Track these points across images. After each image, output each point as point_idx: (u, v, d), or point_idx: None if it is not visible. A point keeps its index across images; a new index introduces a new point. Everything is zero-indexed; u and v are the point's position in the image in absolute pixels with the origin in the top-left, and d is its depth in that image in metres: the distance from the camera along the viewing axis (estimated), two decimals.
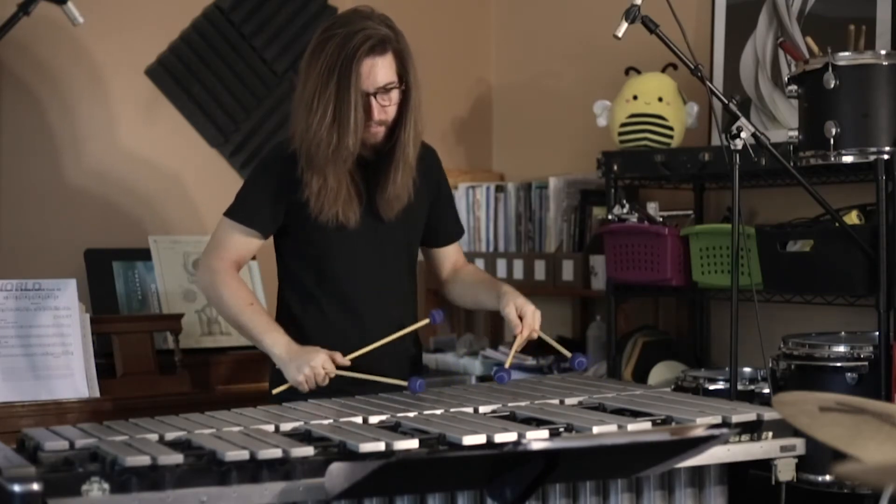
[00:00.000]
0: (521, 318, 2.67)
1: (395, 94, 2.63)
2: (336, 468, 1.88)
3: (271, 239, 2.79)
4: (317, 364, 2.56)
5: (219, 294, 2.71)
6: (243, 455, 1.96)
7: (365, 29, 2.58)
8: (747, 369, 3.30)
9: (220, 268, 2.71)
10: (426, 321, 2.76)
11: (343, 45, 2.57)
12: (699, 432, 2.00)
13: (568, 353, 2.73)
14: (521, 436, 2.13)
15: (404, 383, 2.61)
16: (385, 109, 2.62)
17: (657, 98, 3.62)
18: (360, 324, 2.73)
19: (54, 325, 3.09)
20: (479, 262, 4.33)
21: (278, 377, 2.68)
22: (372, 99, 2.60)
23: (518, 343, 2.69)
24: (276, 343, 2.64)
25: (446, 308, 3.38)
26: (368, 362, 2.68)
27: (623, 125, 3.65)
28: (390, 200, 2.71)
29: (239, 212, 2.72)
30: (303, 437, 2.17)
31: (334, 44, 2.58)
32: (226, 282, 2.70)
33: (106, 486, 1.89)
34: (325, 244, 2.71)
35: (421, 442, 2.09)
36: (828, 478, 2.87)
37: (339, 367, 2.60)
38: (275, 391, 2.66)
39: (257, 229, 2.72)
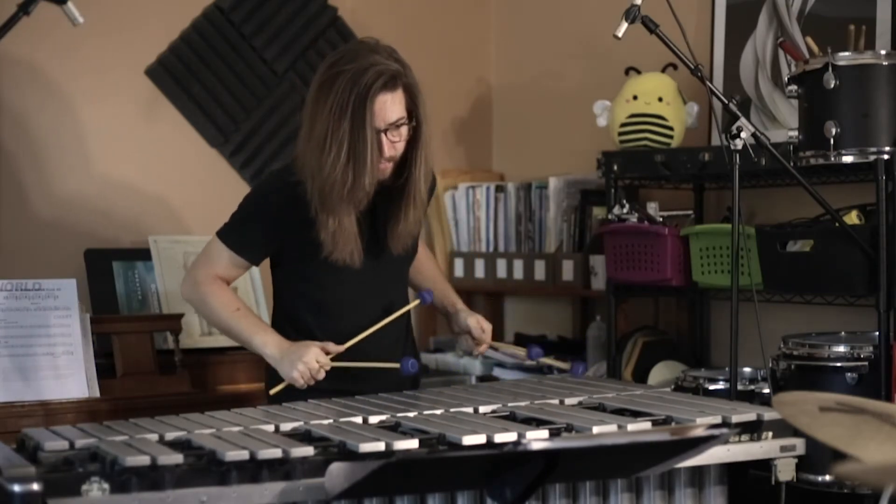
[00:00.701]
0: (482, 329, 2.83)
1: (404, 130, 2.59)
2: (336, 468, 1.88)
3: None
4: (309, 358, 2.56)
5: (205, 302, 2.71)
6: (243, 455, 1.96)
7: (375, 65, 2.53)
8: (747, 369, 3.29)
9: (205, 280, 2.71)
10: (417, 302, 2.80)
11: (355, 82, 2.52)
12: (699, 432, 2.01)
13: (521, 351, 2.96)
14: (521, 436, 2.13)
15: (396, 365, 2.61)
16: (395, 145, 2.59)
17: (657, 98, 3.62)
18: (355, 329, 2.70)
19: (54, 325, 3.10)
20: (479, 262, 4.33)
21: (273, 378, 2.68)
22: (383, 136, 2.56)
23: (482, 350, 2.86)
24: (267, 343, 2.63)
25: None
26: (363, 355, 2.68)
27: (623, 125, 3.65)
28: (401, 237, 2.69)
29: (230, 237, 2.70)
30: (303, 437, 2.17)
31: (345, 80, 2.53)
32: (211, 290, 2.70)
33: (106, 486, 1.89)
34: (324, 281, 2.70)
35: (421, 442, 2.09)
36: (828, 478, 2.87)
37: (333, 358, 2.60)
38: (272, 391, 2.66)
39: (246, 258, 2.71)
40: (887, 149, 2.90)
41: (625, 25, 2.91)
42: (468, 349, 2.88)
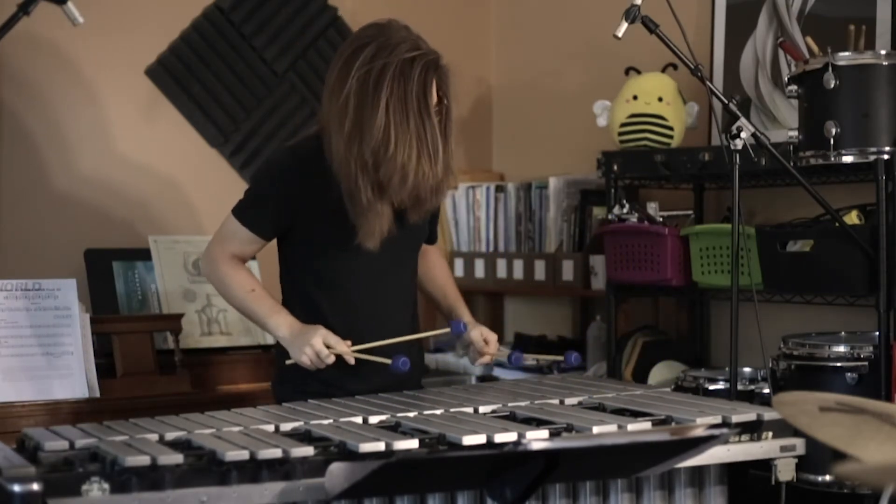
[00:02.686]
0: (486, 342, 2.82)
1: (438, 111, 2.62)
2: (336, 468, 1.88)
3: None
4: (316, 343, 2.57)
5: (223, 282, 2.74)
6: (243, 455, 1.96)
7: (419, 55, 2.56)
8: (747, 369, 3.29)
9: (221, 258, 2.73)
10: (447, 330, 2.80)
11: (406, 77, 2.54)
12: (699, 432, 2.00)
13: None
14: (521, 436, 2.13)
15: (388, 361, 2.62)
16: None
17: (657, 98, 3.62)
18: (363, 330, 2.71)
19: (54, 325, 3.10)
20: (479, 262, 4.33)
21: (282, 354, 2.70)
22: None
23: (483, 361, 2.86)
24: (280, 325, 2.66)
25: None
26: (371, 371, 2.70)
27: (623, 125, 3.65)
28: (426, 209, 2.70)
29: (244, 213, 2.71)
30: (303, 437, 2.17)
31: (393, 75, 2.54)
32: (227, 271, 2.72)
33: (106, 486, 1.89)
34: (334, 257, 2.70)
35: (421, 442, 2.09)
36: (828, 478, 2.87)
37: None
38: (287, 362, 2.67)
39: (259, 234, 2.71)
40: (887, 149, 2.90)
41: (625, 25, 2.92)
42: (471, 361, 2.89)
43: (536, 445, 1.80)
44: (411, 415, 2.33)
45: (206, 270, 2.79)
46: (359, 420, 2.31)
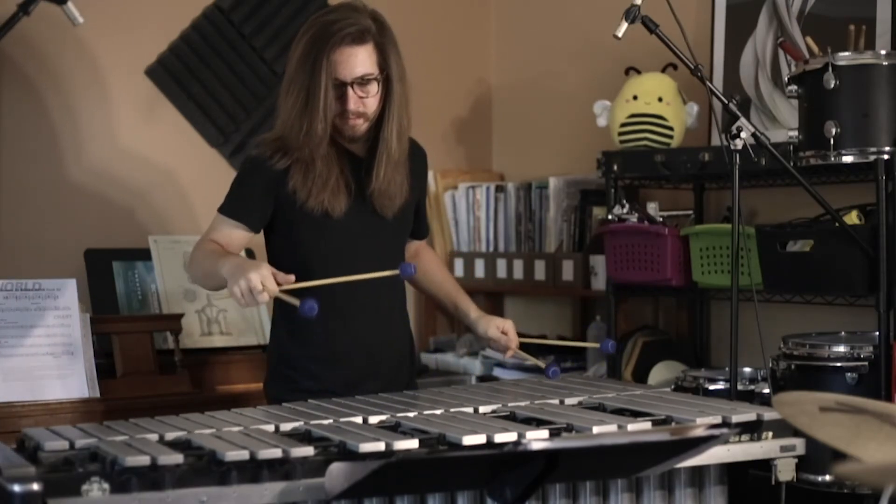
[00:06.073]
0: (504, 333, 2.82)
1: (373, 87, 2.64)
2: (336, 468, 1.88)
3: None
4: (253, 277, 2.40)
5: (192, 259, 2.71)
6: (243, 455, 1.96)
7: (347, 19, 2.62)
8: (747, 369, 3.29)
9: (200, 244, 2.71)
10: (396, 272, 2.60)
11: (322, 34, 2.61)
12: (699, 432, 2.00)
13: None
14: (521, 436, 2.13)
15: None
16: (363, 101, 2.64)
17: (657, 98, 3.62)
18: (348, 319, 2.72)
19: (54, 325, 3.10)
20: (479, 262, 4.33)
21: (274, 378, 2.69)
22: (349, 89, 2.61)
23: (510, 355, 2.86)
24: (226, 263, 2.53)
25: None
26: (360, 360, 2.71)
27: (623, 125, 3.65)
28: (379, 196, 2.71)
29: (227, 206, 2.74)
30: (303, 437, 2.17)
31: (313, 32, 2.63)
32: (196, 251, 2.70)
33: (106, 486, 1.89)
34: (314, 240, 2.71)
35: (421, 442, 2.09)
36: (828, 478, 2.87)
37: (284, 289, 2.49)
38: (222, 293, 2.55)
39: (243, 222, 2.71)
40: (887, 149, 2.90)
41: (625, 25, 2.92)
42: (498, 352, 2.90)
43: (536, 445, 1.80)
44: (411, 415, 2.33)
45: (188, 264, 2.78)
46: (359, 420, 2.31)
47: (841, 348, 2.95)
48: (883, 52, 2.93)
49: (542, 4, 4.53)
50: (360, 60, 2.61)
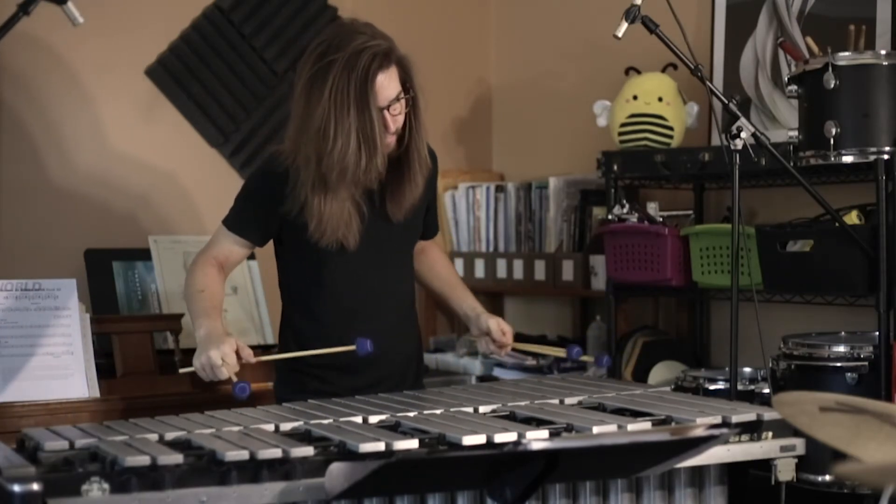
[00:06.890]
0: (504, 333, 2.85)
1: (403, 103, 2.62)
2: (336, 468, 1.88)
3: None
4: (213, 355, 2.49)
5: (186, 280, 2.73)
6: (243, 455, 1.96)
7: (367, 46, 2.56)
8: (747, 369, 3.29)
9: (200, 259, 2.74)
10: (352, 347, 2.63)
11: (351, 68, 2.54)
12: (699, 432, 2.00)
13: (562, 352, 2.92)
14: (521, 436, 2.13)
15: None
16: (396, 119, 2.62)
17: (657, 98, 3.62)
18: (358, 332, 2.69)
19: (54, 325, 3.09)
20: (479, 263, 4.33)
21: (282, 381, 2.69)
22: (385, 113, 2.59)
23: (502, 354, 2.92)
24: (201, 326, 2.59)
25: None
26: (370, 369, 2.70)
27: (623, 125, 3.65)
28: (406, 202, 2.71)
29: (232, 220, 2.74)
30: (303, 437, 2.17)
31: (339, 68, 2.55)
32: (193, 270, 2.72)
33: (106, 486, 1.89)
34: (325, 260, 2.70)
35: (421, 442, 2.09)
36: (828, 478, 2.87)
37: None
38: (181, 370, 2.67)
39: (247, 238, 2.73)
40: (887, 149, 2.90)
41: (625, 25, 2.91)
42: (487, 352, 2.91)
43: (536, 445, 1.80)
44: (411, 415, 2.33)
45: (185, 280, 2.77)
46: (359, 420, 2.31)
47: (841, 348, 2.95)
48: (883, 52, 2.93)
49: (542, 4, 4.53)
50: (392, 83, 2.59)
